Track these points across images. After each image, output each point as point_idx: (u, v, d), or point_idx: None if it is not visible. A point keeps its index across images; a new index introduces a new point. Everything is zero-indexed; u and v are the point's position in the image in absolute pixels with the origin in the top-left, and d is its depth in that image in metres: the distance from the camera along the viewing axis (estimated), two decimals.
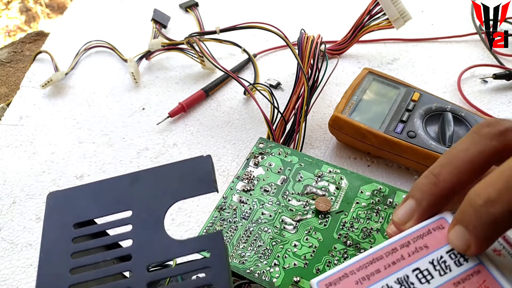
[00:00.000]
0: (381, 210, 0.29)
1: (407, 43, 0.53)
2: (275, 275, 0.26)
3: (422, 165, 0.36)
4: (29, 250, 0.35)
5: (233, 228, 0.28)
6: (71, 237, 0.18)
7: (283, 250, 0.27)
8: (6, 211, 0.37)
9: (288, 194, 0.30)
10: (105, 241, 0.19)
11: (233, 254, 0.27)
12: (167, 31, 0.57)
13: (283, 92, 0.47)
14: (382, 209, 0.29)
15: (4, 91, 0.55)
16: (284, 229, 0.28)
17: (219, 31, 0.44)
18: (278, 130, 0.38)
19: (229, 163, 0.40)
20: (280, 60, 0.52)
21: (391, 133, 0.36)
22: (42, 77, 0.50)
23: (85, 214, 0.19)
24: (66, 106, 0.48)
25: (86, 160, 0.41)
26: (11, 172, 0.41)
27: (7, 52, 0.61)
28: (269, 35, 0.42)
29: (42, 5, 1.83)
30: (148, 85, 0.50)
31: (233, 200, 0.30)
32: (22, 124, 0.46)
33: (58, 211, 0.19)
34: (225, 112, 0.46)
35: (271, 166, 0.32)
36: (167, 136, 0.43)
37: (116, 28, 0.59)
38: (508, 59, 0.49)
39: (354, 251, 0.27)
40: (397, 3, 0.44)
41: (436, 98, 0.39)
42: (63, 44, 0.57)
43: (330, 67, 0.45)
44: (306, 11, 0.60)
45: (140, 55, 0.51)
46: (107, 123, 0.45)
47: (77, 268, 0.18)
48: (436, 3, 0.59)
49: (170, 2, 0.62)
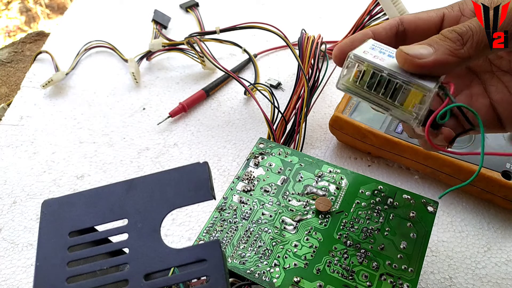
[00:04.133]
0: (381, 210, 0.29)
1: None
2: (275, 276, 0.26)
3: (422, 165, 0.36)
4: (30, 250, 0.35)
5: (233, 229, 0.28)
6: (67, 246, 0.18)
7: (284, 251, 0.27)
8: (7, 211, 0.38)
9: (288, 194, 0.30)
10: (101, 249, 0.18)
11: (234, 255, 0.27)
12: (168, 32, 0.58)
13: (283, 92, 0.47)
14: (383, 209, 0.29)
15: (5, 91, 0.55)
16: (285, 229, 0.28)
17: (219, 31, 0.44)
18: (278, 130, 0.38)
19: (229, 163, 0.40)
20: (281, 60, 0.52)
21: (391, 133, 0.36)
22: (43, 77, 0.50)
23: (80, 222, 0.19)
24: (67, 106, 0.48)
25: (86, 160, 0.41)
26: (12, 172, 0.41)
27: (7, 52, 0.61)
28: (270, 35, 0.42)
29: (42, 5, 1.84)
30: (149, 85, 0.50)
31: (233, 201, 0.30)
32: (22, 124, 0.46)
33: (54, 219, 0.19)
34: (226, 112, 0.46)
35: (271, 166, 0.32)
36: (168, 136, 0.43)
37: (117, 28, 0.59)
38: None
39: (355, 251, 0.27)
40: (397, 3, 0.44)
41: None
42: (63, 44, 0.57)
43: (331, 67, 0.45)
44: (307, 11, 0.60)
45: (140, 55, 0.52)
46: (108, 123, 0.45)
47: (74, 276, 0.18)
48: (436, 3, 0.59)
49: (170, 2, 0.62)
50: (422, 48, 0.21)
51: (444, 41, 0.21)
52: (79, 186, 0.39)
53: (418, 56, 0.21)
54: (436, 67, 0.21)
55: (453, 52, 0.21)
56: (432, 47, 0.21)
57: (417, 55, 0.21)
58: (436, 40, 0.22)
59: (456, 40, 0.21)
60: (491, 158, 0.34)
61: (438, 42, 0.21)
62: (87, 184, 0.39)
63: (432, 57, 0.21)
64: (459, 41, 0.21)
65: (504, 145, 0.34)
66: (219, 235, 0.28)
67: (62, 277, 0.17)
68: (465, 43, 0.21)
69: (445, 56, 0.21)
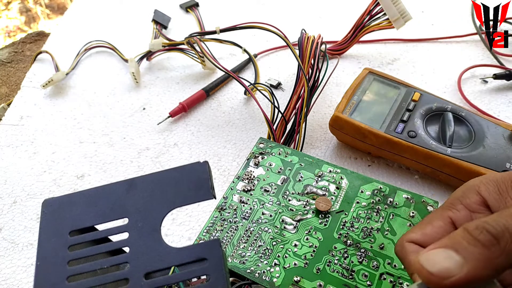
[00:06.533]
0: (381, 209, 0.29)
1: (408, 43, 0.53)
2: (276, 275, 0.26)
3: (422, 165, 0.36)
4: (30, 249, 0.35)
5: (233, 228, 0.28)
6: (67, 245, 0.18)
7: (284, 250, 0.27)
8: (7, 211, 0.38)
9: (288, 194, 0.30)
10: (102, 248, 0.18)
11: (234, 254, 0.27)
12: (168, 32, 0.58)
13: (283, 92, 0.48)
14: (383, 209, 0.29)
15: (5, 91, 0.55)
16: (285, 229, 0.28)
17: (219, 31, 0.44)
18: (278, 130, 0.38)
19: (229, 163, 0.40)
20: (281, 60, 0.52)
21: (391, 133, 0.36)
22: (43, 77, 0.50)
23: (81, 221, 0.19)
24: (67, 106, 0.48)
25: (86, 160, 0.41)
26: (12, 172, 0.41)
27: (7, 52, 0.61)
28: (270, 35, 0.42)
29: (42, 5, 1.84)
30: (149, 85, 0.50)
31: (233, 200, 0.30)
32: (22, 124, 0.46)
33: (54, 218, 0.19)
34: (226, 112, 0.46)
35: (271, 166, 0.32)
36: (168, 136, 0.43)
37: (117, 29, 0.59)
38: (508, 59, 0.49)
39: (355, 250, 0.27)
40: (398, 3, 0.44)
41: (437, 98, 0.39)
42: (63, 44, 0.57)
43: (331, 67, 0.45)
44: (307, 11, 0.60)
45: (140, 55, 0.52)
46: (108, 123, 0.45)
47: (74, 275, 0.18)
48: (436, 4, 0.59)
49: (170, 2, 0.62)
50: (446, 259, 0.16)
51: (475, 246, 0.16)
52: (79, 186, 0.39)
53: (446, 275, 0.16)
54: (470, 283, 0.16)
55: (488, 260, 0.16)
56: (460, 254, 0.16)
57: (443, 273, 0.16)
58: (464, 245, 0.16)
59: (491, 245, 0.16)
60: (492, 157, 0.34)
61: (467, 248, 0.16)
62: (87, 184, 0.40)
63: (463, 272, 0.16)
64: (494, 246, 0.16)
65: (504, 145, 0.34)
66: (219, 234, 0.28)
67: (62, 276, 0.17)
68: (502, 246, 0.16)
69: (480, 268, 0.16)
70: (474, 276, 0.16)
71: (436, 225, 0.21)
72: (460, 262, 0.16)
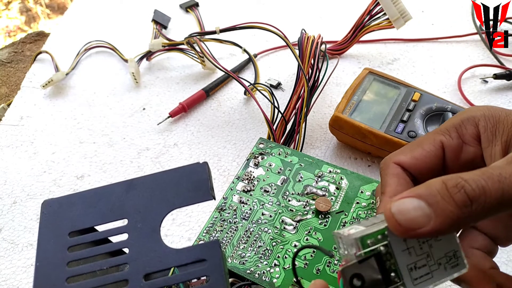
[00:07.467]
0: None
1: (408, 43, 0.53)
2: (275, 276, 0.26)
3: None
4: (30, 250, 0.35)
5: (233, 229, 0.28)
6: (66, 246, 0.18)
7: (283, 251, 0.27)
8: (7, 211, 0.38)
9: (288, 195, 0.30)
10: (101, 249, 0.18)
11: (233, 255, 0.27)
12: (168, 32, 0.57)
13: (283, 92, 0.47)
14: None
15: (5, 91, 0.55)
16: (284, 229, 0.28)
17: (219, 31, 0.44)
18: (278, 130, 0.38)
19: (229, 163, 0.40)
20: (281, 60, 0.52)
21: (391, 133, 0.36)
22: (43, 77, 0.50)
23: (80, 222, 0.19)
24: (67, 106, 0.48)
25: (86, 160, 0.41)
26: (12, 172, 0.41)
27: (7, 52, 0.61)
28: (270, 35, 0.42)
29: (42, 5, 1.84)
30: (149, 85, 0.50)
31: (233, 201, 0.30)
32: (22, 124, 0.46)
33: (54, 219, 0.19)
34: (226, 112, 0.46)
35: (271, 166, 0.32)
36: (168, 136, 0.43)
37: (117, 29, 0.59)
38: (508, 59, 0.49)
39: None
40: (398, 3, 0.44)
41: (437, 98, 0.39)
42: (63, 45, 0.57)
43: (331, 67, 0.45)
44: (307, 11, 0.60)
45: (140, 55, 0.52)
46: (108, 123, 0.45)
47: (74, 276, 0.18)
48: (436, 3, 0.59)
49: (170, 2, 0.62)
50: (416, 209, 0.16)
51: (448, 204, 0.16)
52: (79, 186, 0.39)
53: (412, 227, 0.16)
54: (432, 236, 0.18)
55: (457, 219, 0.16)
56: (431, 208, 0.16)
57: (410, 224, 0.16)
58: (437, 198, 0.16)
59: (464, 206, 0.16)
60: None
61: (439, 203, 0.16)
62: (87, 184, 0.40)
63: (430, 225, 0.16)
64: (466, 207, 0.16)
65: None
66: (219, 235, 0.28)
67: (62, 277, 0.17)
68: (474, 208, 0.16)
69: (447, 225, 0.16)
70: (438, 231, 0.16)
71: (427, 149, 0.21)
72: (429, 215, 0.16)
